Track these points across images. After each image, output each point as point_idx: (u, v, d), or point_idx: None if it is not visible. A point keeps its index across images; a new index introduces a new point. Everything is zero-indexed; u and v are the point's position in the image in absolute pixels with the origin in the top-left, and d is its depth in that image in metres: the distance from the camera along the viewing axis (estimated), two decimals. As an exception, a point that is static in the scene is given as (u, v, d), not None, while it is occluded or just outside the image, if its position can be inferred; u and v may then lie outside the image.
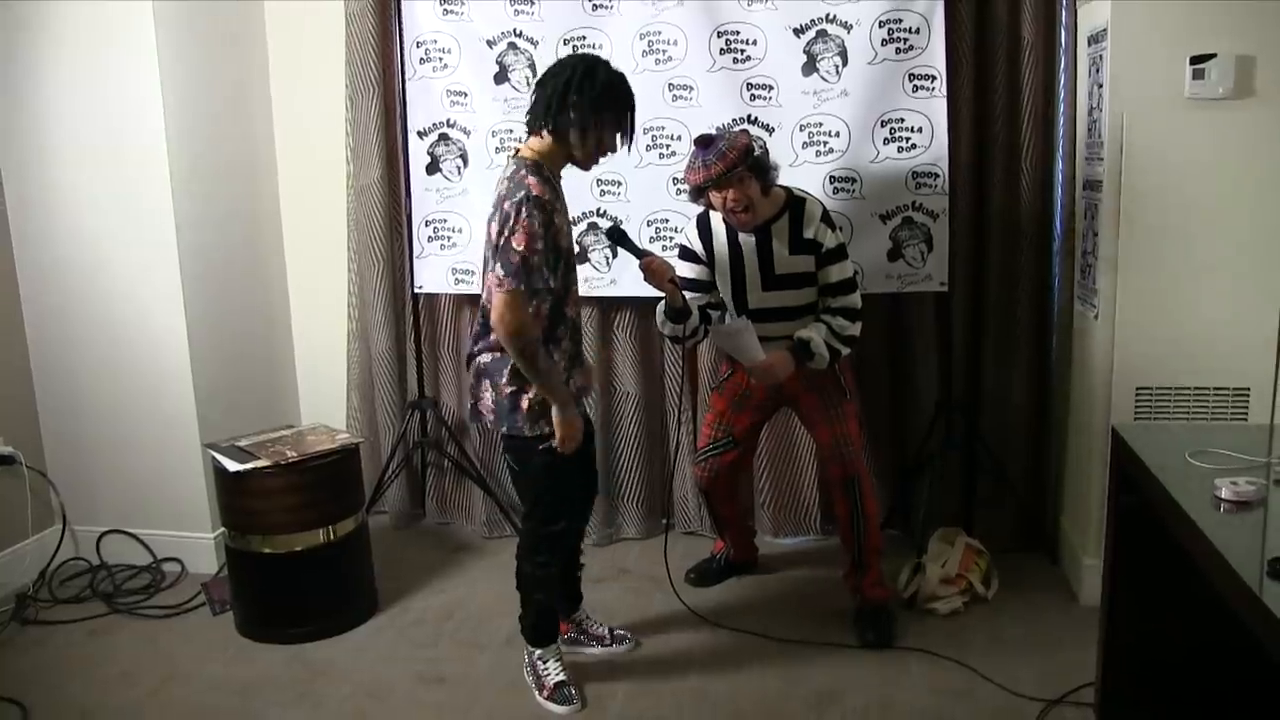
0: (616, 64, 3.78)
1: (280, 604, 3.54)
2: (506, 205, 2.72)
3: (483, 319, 2.89)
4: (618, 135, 2.88)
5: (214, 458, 3.54)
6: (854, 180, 3.78)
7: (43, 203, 3.92)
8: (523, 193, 2.70)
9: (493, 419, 2.94)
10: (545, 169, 2.82)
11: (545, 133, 2.82)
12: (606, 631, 3.40)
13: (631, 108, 2.88)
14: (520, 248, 2.68)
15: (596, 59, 2.88)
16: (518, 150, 2.90)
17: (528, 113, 2.87)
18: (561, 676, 3.07)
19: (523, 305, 2.72)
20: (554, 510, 2.99)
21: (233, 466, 3.43)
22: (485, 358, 2.91)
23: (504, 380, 2.87)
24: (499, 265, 2.71)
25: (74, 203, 3.89)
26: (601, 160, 2.92)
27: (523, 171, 2.76)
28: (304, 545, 3.49)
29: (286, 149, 4.49)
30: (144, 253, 3.86)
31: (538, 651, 3.11)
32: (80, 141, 3.84)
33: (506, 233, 2.70)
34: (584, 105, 2.76)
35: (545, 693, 3.05)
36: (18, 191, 3.94)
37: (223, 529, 3.67)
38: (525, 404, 2.86)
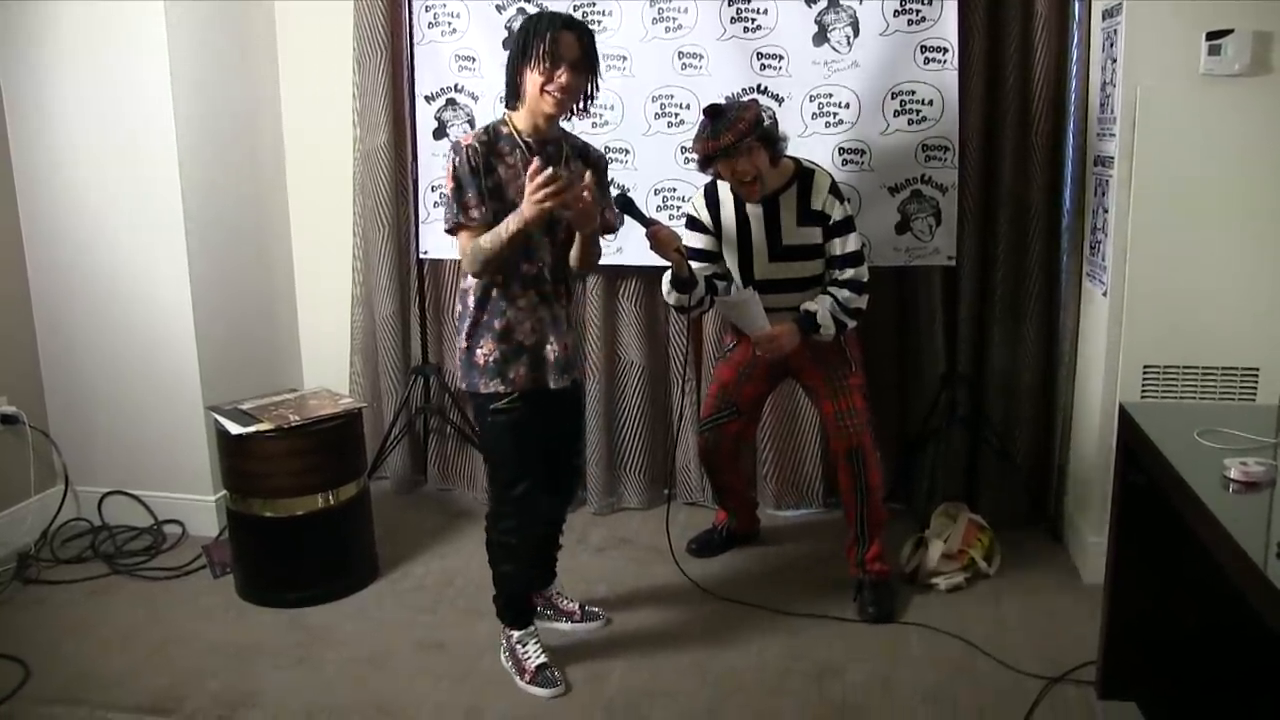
0: (626, 32, 3.81)
1: (281, 568, 3.54)
2: None
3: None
4: (562, 67, 2.73)
5: (216, 420, 3.53)
6: (863, 152, 3.75)
7: (48, 163, 3.90)
8: (454, 141, 2.79)
9: (460, 374, 2.96)
10: (509, 128, 2.83)
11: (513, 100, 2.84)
12: (577, 607, 3.37)
13: (562, 27, 2.74)
14: (445, 189, 2.80)
15: (539, 11, 2.89)
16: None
17: None
18: (543, 659, 3.02)
19: (464, 243, 2.79)
20: (512, 473, 2.92)
21: (235, 429, 3.42)
22: (459, 306, 2.95)
23: (461, 336, 2.90)
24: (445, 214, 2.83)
25: (79, 165, 3.87)
26: (562, 95, 2.75)
27: (472, 129, 2.83)
28: (305, 509, 3.49)
29: (293, 113, 4.46)
30: (148, 215, 3.84)
31: (515, 634, 3.06)
32: (84, 101, 3.81)
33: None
34: (515, 52, 2.77)
35: (526, 677, 3.00)
36: (23, 153, 3.92)
37: (224, 492, 3.67)
38: (480, 359, 2.86)
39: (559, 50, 2.71)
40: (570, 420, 3.19)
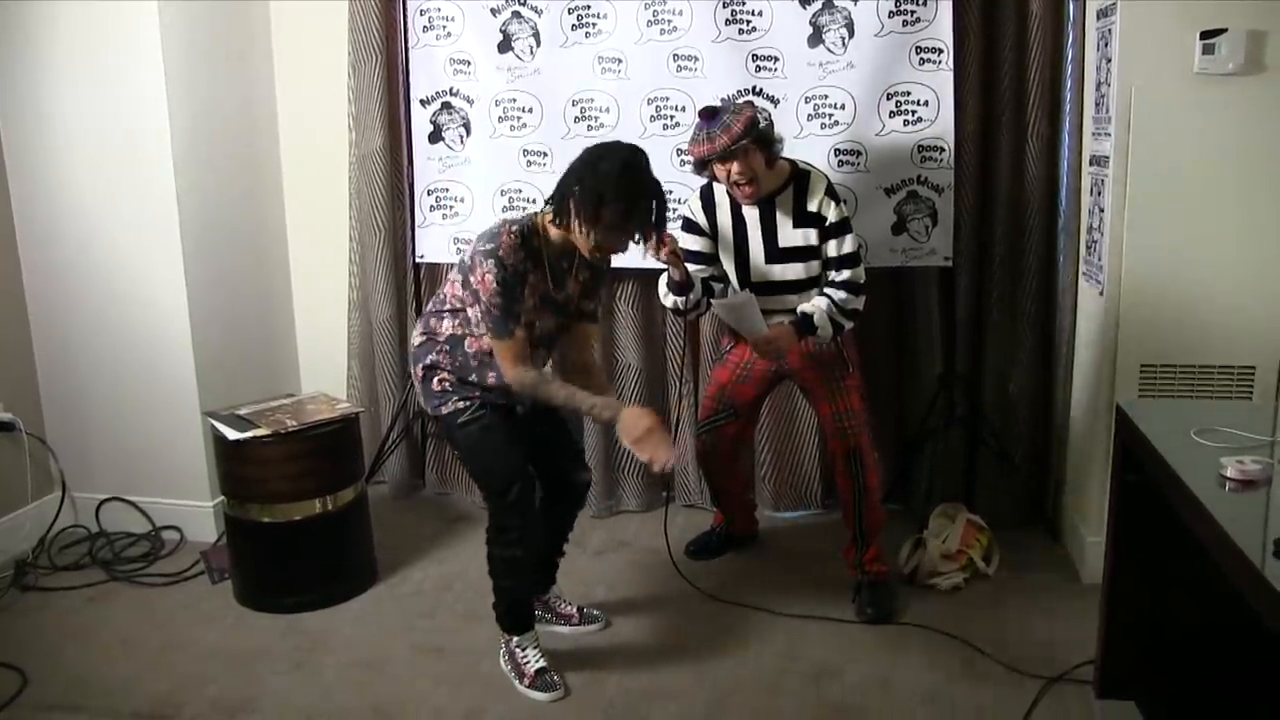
0: (621, 34, 3.81)
1: (279, 573, 3.54)
2: (475, 245, 2.78)
3: (432, 306, 2.99)
4: (622, 235, 2.77)
5: (214, 426, 3.53)
6: (859, 153, 3.76)
7: (44, 166, 3.89)
8: (492, 245, 2.73)
9: (422, 400, 3.00)
10: (538, 240, 2.80)
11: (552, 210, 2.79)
12: (576, 611, 3.36)
13: (641, 207, 2.74)
14: (484, 299, 2.74)
15: (618, 147, 2.79)
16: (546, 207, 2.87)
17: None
18: (542, 663, 3.01)
19: (511, 351, 2.77)
20: (502, 479, 2.91)
21: (232, 435, 3.42)
22: (415, 340, 2.99)
23: (418, 366, 2.94)
24: (482, 316, 2.77)
25: (74, 168, 3.86)
26: (609, 254, 2.84)
27: (513, 228, 2.76)
28: (303, 514, 3.48)
29: (288, 116, 4.45)
30: (145, 219, 3.84)
31: (515, 639, 3.05)
32: (79, 103, 3.80)
33: (474, 282, 2.75)
34: (581, 199, 2.69)
35: (526, 681, 2.99)
36: (17, 156, 3.91)
37: (222, 497, 3.66)
38: (437, 384, 2.91)
39: (628, 223, 2.73)
40: (557, 431, 3.17)
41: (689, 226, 3.39)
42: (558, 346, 3.06)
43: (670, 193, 3.85)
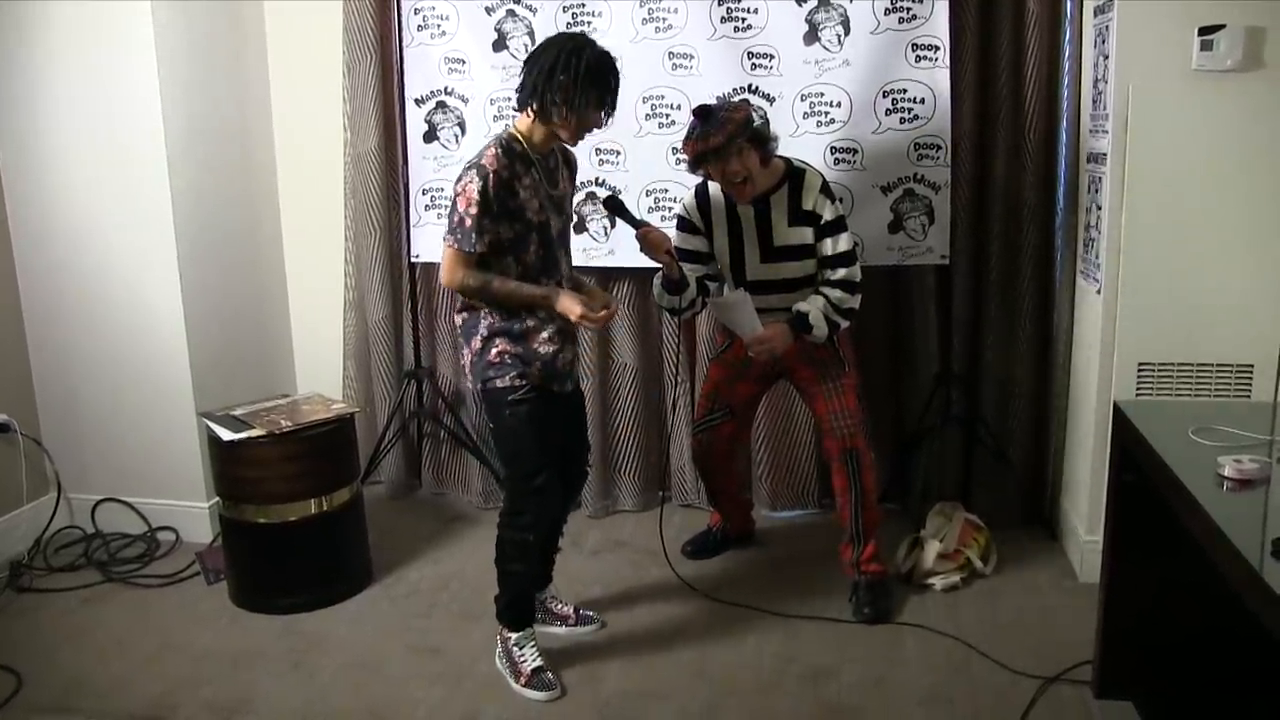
0: (616, 32, 3.81)
1: (275, 574, 3.53)
2: (462, 169, 2.82)
3: None
4: (601, 113, 2.86)
5: (209, 427, 3.52)
6: (855, 151, 3.75)
7: (38, 166, 3.88)
8: (476, 160, 2.80)
9: (470, 377, 2.98)
10: (521, 145, 2.85)
11: (530, 111, 2.82)
12: (572, 611, 3.36)
13: (613, 88, 2.84)
14: (460, 209, 2.77)
15: (583, 38, 2.84)
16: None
17: (515, 90, 2.87)
18: (539, 662, 3.01)
19: (462, 263, 2.81)
20: (533, 463, 2.92)
21: (227, 435, 3.41)
22: (460, 319, 2.98)
23: (476, 337, 2.92)
24: (455, 225, 2.80)
25: (69, 174, 3.85)
26: (586, 135, 2.91)
27: (491, 145, 2.83)
28: (299, 515, 3.47)
29: (283, 116, 4.44)
30: (139, 221, 3.83)
31: (513, 637, 3.04)
32: (76, 110, 3.79)
33: (454, 194, 2.80)
34: (567, 86, 2.75)
35: (522, 680, 2.99)
36: (12, 156, 3.90)
37: (217, 498, 3.65)
38: (495, 355, 2.89)
39: (605, 106, 2.82)
40: (577, 418, 3.20)
41: (684, 225, 3.38)
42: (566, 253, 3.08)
43: (665, 191, 3.87)
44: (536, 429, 2.92)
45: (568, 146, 3.01)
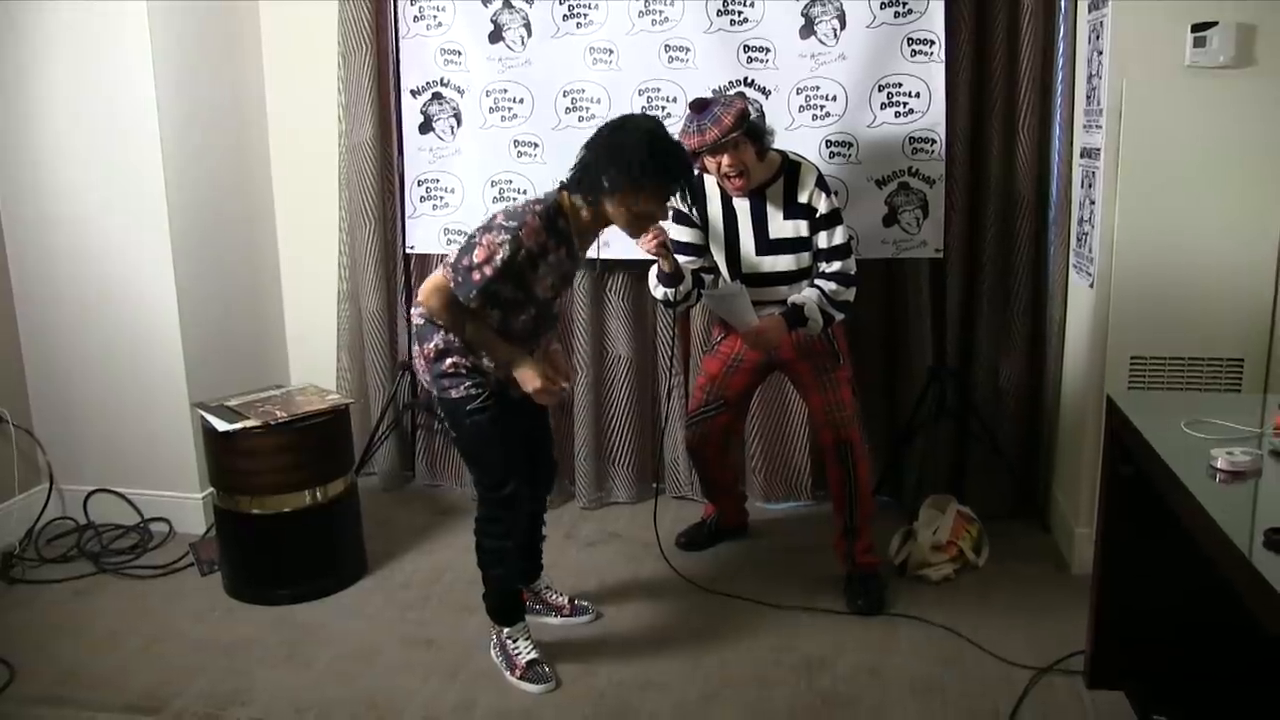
0: (613, 25, 3.80)
1: (268, 565, 3.52)
2: (497, 219, 2.72)
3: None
4: (662, 205, 2.77)
5: (203, 417, 3.51)
6: (850, 145, 3.75)
7: (30, 160, 3.87)
8: (514, 224, 2.67)
9: (427, 380, 2.93)
10: (563, 223, 2.76)
11: (584, 198, 2.74)
12: (566, 601, 3.36)
13: (679, 179, 2.75)
14: (477, 259, 2.67)
15: (648, 123, 2.73)
16: (562, 186, 2.80)
17: (570, 169, 2.78)
18: (534, 654, 3.01)
19: (450, 301, 2.73)
20: (500, 472, 2.91)
21: (222, 426, 3.40)
22: (416, 321, 2.91)
23: (430, 345, 2.86)
24: (457, 253, 2.72)
25: (63, 163, 3.84)
26: (645, 229, 2.85)
27: (537, 209, 2.71)
28: (293, 506, 3.47)
29: (278, 107, 4.43)
30: (133, 211, 3.82)
31: (506, 630, 3.05)
32: (67, 95, 3.78)
33: (478, 235, 2.70)
34: (622, 176, 2.66)
35: (517, 672, 2.99)
36: (5, 149, 3.88)
37: (211, 489, 3.65)
38: (449, 366, 2.84)
39: (666, 201, 2.75)
40: (541, 412, 3.15)
41: (679, 218, 3.38)
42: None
43: (661, 184, 3.85)
44: (500, 437, 2.89)
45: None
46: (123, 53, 3.71)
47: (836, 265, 3.25)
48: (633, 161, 2.63)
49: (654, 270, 3.28)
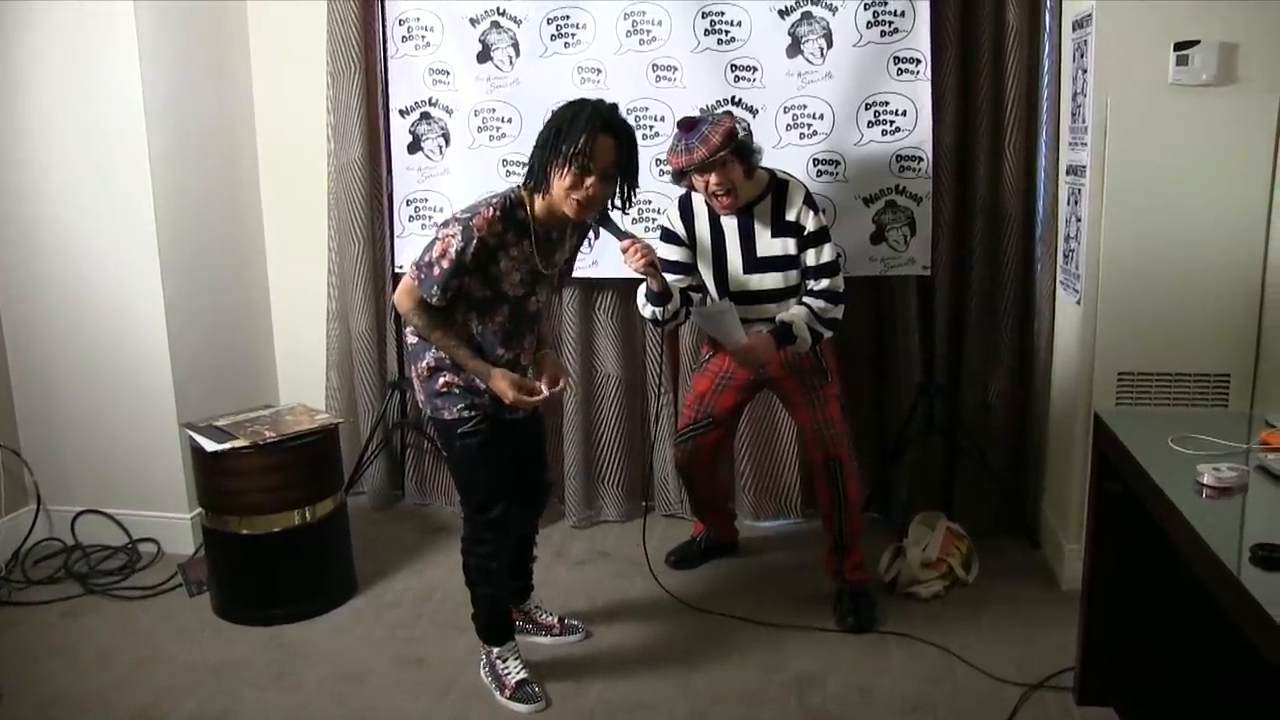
0: (600, 44, 3.82)
1: (258, 585, 3.51)
2: (455, 215, 2.74)
3: None
4: (605, 179, 2.67)
5: (191, 437, 3.50)
6: (838, 163, 3.77)
7: (17, 181, 3.86)
8: (468, 215, 2.68)
9: (422, 399, 2.93)
10: (524, 215, 2.74)
11: (531, 185, 2.73)
12: (556, 621, 3.35)
13: (578, 133, 2.62)
14: (434, 254, 2.69)
15: (576, 102, 2.69)
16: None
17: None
18: (523, 674, 3.00)
19: (419, 303, 2.74)
20: (486, 495, 2.90)
21: (210, 446, 3.40)
22: (410, 340, 2.92)
23: (422, 363, 2.87)
24: (421, 252, 2.73)
25: (50, 181, 3.83)
26: (587, 204, 2.69)
27: (494, 201, 2.70)
28: (282, 526, 3.46)
29: (267, 127, 4.44)
30: (121, 230, 3.82)
31: (495, 650, 3.04)
32: (57, 117, 3.78)
33: (438, 232, 2.71)
34: (554, 153, 2.64)
35: (507, 692, 2.98)
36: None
37: (200, 509, 3.64)
38: (441, 385, 2.84)
39: (592, 157, 2.63)
40: (534, 433, 3.16)
41: (667, 236, 3.39)
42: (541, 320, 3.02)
43: (649, 202, 3.88)
44: (488, 460, 2.88)
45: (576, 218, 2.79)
46: (111, 72, 3.71)
47: (825, 283, 3.26)
48: (546, 141, 2.67)
49: (642, 289, 3.29)
